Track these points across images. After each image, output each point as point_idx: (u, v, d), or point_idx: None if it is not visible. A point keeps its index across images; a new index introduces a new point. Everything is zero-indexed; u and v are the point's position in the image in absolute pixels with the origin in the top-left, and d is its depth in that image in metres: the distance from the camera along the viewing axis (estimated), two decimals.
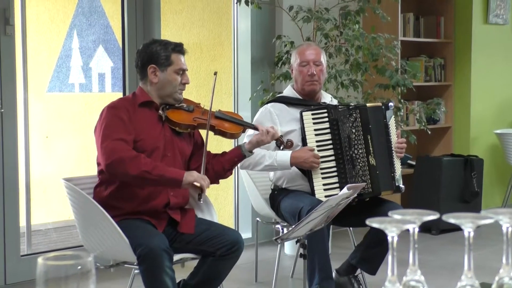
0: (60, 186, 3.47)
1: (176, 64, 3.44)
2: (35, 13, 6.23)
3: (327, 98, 4.34)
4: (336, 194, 3.33)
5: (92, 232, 3.35)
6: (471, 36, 6.98)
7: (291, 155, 3.99)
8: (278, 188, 4.25)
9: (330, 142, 4.03)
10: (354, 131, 4.04)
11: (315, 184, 4.01)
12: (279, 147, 3.72)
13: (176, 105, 3.48)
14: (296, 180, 4.15)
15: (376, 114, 4.11)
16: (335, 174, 4.02)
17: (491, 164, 7.18)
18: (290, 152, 4.00)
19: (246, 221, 5.88)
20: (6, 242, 4.64)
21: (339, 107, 4.12)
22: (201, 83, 6.20)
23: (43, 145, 6.37)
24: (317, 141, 4.03)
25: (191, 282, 3.44)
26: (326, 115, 4.05)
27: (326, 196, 3.83)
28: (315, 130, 4.05)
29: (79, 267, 1.01)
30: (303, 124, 4.04)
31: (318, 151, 4.02)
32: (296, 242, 3.58)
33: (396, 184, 4.09)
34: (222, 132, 3.50)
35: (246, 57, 5.86)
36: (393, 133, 4.13)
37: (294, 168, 4.09)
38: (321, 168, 4.01)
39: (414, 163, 6.55)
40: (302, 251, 3.57)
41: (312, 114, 4.05)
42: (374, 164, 4.03)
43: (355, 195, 3.87)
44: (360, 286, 4.26)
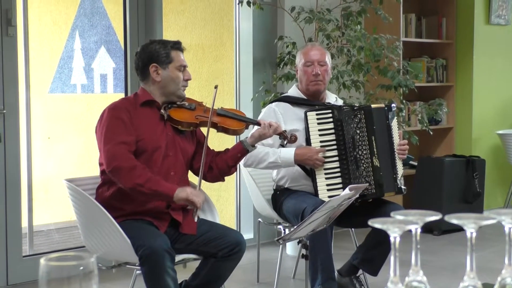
0: (62, 187, 3.47)
1: (176, 61, 3.45)
2: (37, 14, 6.24)
3: (332, 98, 4.35)
4: (339, 195, 3.33)
5: (94, 233, 3.35)
6: (473, 36, 6.98)
7: (295, 152, 3.99)
8: (280, 189, 4.24)
9: (334, 143, 4.03)
10: (358, 131, 4.04)
11: (318, 184, 4.01)
12: (283, 142, 3.71)
13: (178, 103, 3.49)
14: (299, 180, 4.14)
15: (379, 116, 4.11)
16: (338, 174, 4.02)
17: (493, 164, 7.17)
18: (294, 149, 4.00)
19: (248, 221, 5.88)
20: (8, 243, 4.65)
21: (344, 108, 4.12)
22: (203, 84, 6.20)
23: (45, 146, 6.38)
24: (321, 141, 4.03)
25: (192, 283, 3.44)
26: (330, 115, 4.05)
27: (329, 196, 3.83)
28: (319, 130, 4.05)
29: (81, 268, 1.01)
30: (308, 124, 4.04)
31: None
32: (298, 242, 3.58)
33: (398, 186, 4.10)
34: (225, 129, 3.51)
35: (248, 57, 5.86)
36: (395, 134, 4.13)
37: (298, 168, 4.09)
38: (324, 169, 4.00)
39: (416, 163, 6.55)
40: (304, 251, 3.58)
41: (317, 114, 4.05)
42: (378, 165, 4.03)
43: (358, 196, 3.88)
44: (362, 287, 4.26)
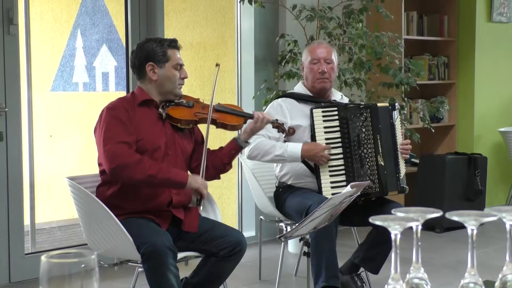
0: (64, 185, 3.47)
1: (173, 59, 3.44)
2: (39, 12, 6.24)
3: (337, 96, 4.35)
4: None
5: (96, 230, 3.35)
6: (474, 34, 6.97)
7: (302, 147, 3.99)
8: (283, 186, 4.24)
9: (339, 140, 4.03)
10: (364, 130, 4.04)
11: (322, 181, 4.01)
12: (283, 135, 3.70)
13: (176, 101, 3.49)
14: (302, 177, 4.14)
15: (384, 114, 4.11)
16: (343, 172, 4.02)
17: (495, 162, 7.17)
18: (301, 144, 4.00)
19: (249, 219, 5.88)
20: (10, 241, 4.65)
21: (350, 106, 4.13)
22: (204, 82, 6.20)
23: (47, 144, 6.38)
24: (326, 138, 4.03)
25: (192, 280, 3.45)
26: (336, 113, 4.05)
27: (333, 193, 3.83)
28: (325, 127, 4.05)
29: (82, 265, 1.01)
30: (313, 121, 4.04)
31: None
32: (300, 240, 3.58)
33: (401, 185, 4.10)
34: (224, 124, 3.51)
35: (249, 56, 5.86)
36: (398, 133, 4.13)
37: (301, 164, 4.09)
38: (329, 166, 4.00)
39: (418, 161, 6.55)
40: (305, 249, 3.58)
41: (323, 112, 4.05)
42: (383, 164, 4.03)
43: (361, 194, 3.88)
44: (364, 284, 4.26)
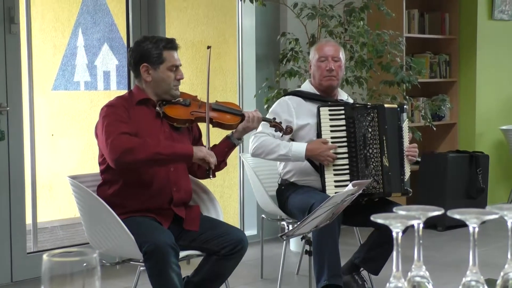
0: (66, 184, 3.48)
1: (168, 61, 3.43)
2: (40, 11, 6.24)
3: (344, 96, 4.36)
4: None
5: (98, 229, 3.35)
6: (476, 32, 6.97)
7: (307, 147, 3.99)
8: (285, 183, 4.24)
9: (345, 140, 4.03)
10: (370, 130, 4.03)
11: (326, 179, 4.01)
12: (278, 134, 3.70)
13: (173, 100, 3.48)
14: (306, 174, 4.14)
15: (391, 116, 4.11)
16: (347, 171, 4.01)
17: (497, 160, 7.16)
18: (306, 144, 4.00)
19: (251, 218, 5.88)
20: (12, 240, 4.66)
21: (357, 106, 4.13)
22: (205, 80, 6.19)
23: (49, 143, 6.38)
24: (332, 137, 4.03)
25: (194, 279, 3.44)
26: (343, 112, 4.05)
27: (336, 193, 3.83)
28: (331, 126, 4.04)
29: (84, 264, 1.01)
30: (320, 119, 4.04)
31: None
32: (302, 238, 3.58)
33: (405, 187, 4.10)
34: (220, 124, 3.50)
35: (250, 54, 5.86)
36: (405, 136, 4.13)
37: (306, 162, 4.09)
38: (334, 165, 4.00)
39: (419, 159, 6.54)
40: (307, 247, 3.58)
41: (330, 110, 4.05)
42: (387, 165, 4.02)
43: (364, 194, 3.88)
44: (365, 283, 4.27)
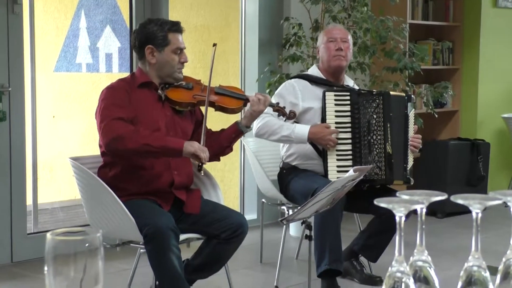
0: (67, 166, 3.48)
1: (173, 43, 3.42)
2: None
3: (350, 82, 4.36)
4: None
5: (99, 211, 3.36)
6: (480, 19, 6.94)
7: (309, 130, 3.99)
8: (287, 167, 4.23)
9: (349, 125, 4.03)
10: (375, 116, 4.03)
11: (329, 164, 4.01)
12: (281, 119, 3.69)
13: (176, 83, 3.47)
14: (309, 158, 4.13)
15: (398, 104, 4.11)
16: (350, 157, 4.02)
17: (498, 148, 7.16)
18: (309, 127, 3.99)
19: (251, 202, 5.89)
20: (13, 221, 4.67)
21: (363, 92, 4.13)
22: (208, 64, 6.18)
23: (50, 124, 6.38)
24: (336, 122, 4.03)
25: (194, 262, 3.46)
26: (348, 97, 4.05)
27: (338, 178, 3.83)
28: (336, 111, 4.04)
29: (87, 244, 1.01)
30: (325, 103, 4.04)
31: None
32: (302, 223, 3.59)
33: (407, 176, 4.10)
34: (222, 107, 3.49)
35: (253, 38, 5.84)
36: (411, 126, 4.13)
37: (309, 146, 4.09)
38: (337, 150, 4.00)
39: (421, 146, 6.53)
40: (307, 232, 3.58)
41: (335, 95, 4.05)
42: (391, 152, 4.02)
43: (366, 180, 3.89)
44: (364, 268, 4.28)
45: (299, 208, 3.29)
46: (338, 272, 3.93)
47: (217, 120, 3.95)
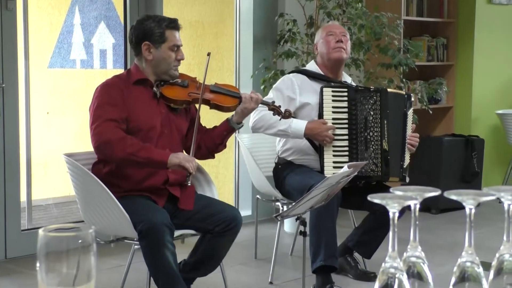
0: (61, 162, 3.47)
1: (170, 40, 3.41)
2: None
3: (348, 79, 4.36)
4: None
5: (93, 207, 3.35)
6: (474, 16, 6.95)
7: (306, 125, 3.99)
8: (282, 162, 4.23)
9: (346, 122, 4.03)
10: (372, 113, 4.03)
11: (325, 160, 4.01)
12: (277, 118, 3.68)
13: (171, 81, 3.47)
14: (305, 153, 4.13)
15: (396, 101, 4.11)
16: (346, 153, 4.02)
17: (492, 144, 7.17)
18: (306, 122, 3.99)
19: (246, 198, 5.89)
20: (6, 217, 4.66)
21: (360, 88, 4.13)
22: (203, 60, 6.18)
23: (44, 120, 6.37)
24: (333, 118, 4.03)
25: (190, 260, 3.45)
26: (346, 94, 4.05)
27: (334, 173, 3.83)
28: (333, 107, 4.04)
29: (80, 241, 1.01)
30: (322, 99, 4.03)
31: None
32: (296, 219, 3.59)
33: (403, 174, 4.10)
34: (217, 106, 3.48)
35: (248, 34, 5.83)
36: (409, 124, 4.14)
37: (306, 141, 4.09)
38: (333, 146, 4.00)
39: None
40: (301, 228, 3.58)
41: (333, 91, 4.05)
42: (387, 149, 4.03)
43: (362, 176, 3.89)
44: (358, 264, 4.28)
45: (293, 204, 3.29)
46: (333, 268, 3.94)
47: (211, 116, 3.95)
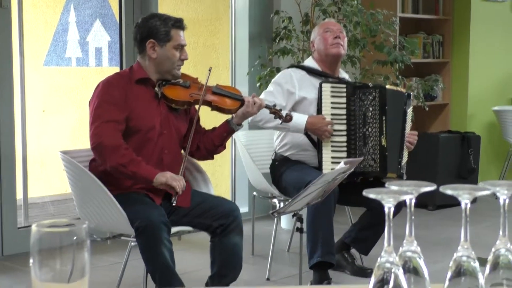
0: (57, 160, 3.46)
1: (175, 39, 3.40)
2: None
3: (345, 75, 4.37)
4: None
5: (89, 205, 3.35)
6: (470, 12, 6.95)
7: (308, 119, 3.98)
8: (279, 158, 4.23)
9: (344, 117, 4.03)
10: (371, 109, 4.04)
11: (324, 155, 4.01)
12: (280, 120, 3.65)
13: (173, 81, 3.45)
14: (302, 149, 4.13)
15: (396, 99, 4.11)
16: (345, 149, 4.02)
17: (488, 141, 7.18)
18: (307, 116, 3.99)
19: (242, 195, 5.89)
20: (3, 214, 4.65)
21: (359, 84, 4.14)
22: (198, 58, 6.18)
23: (40, 118, 6.36)
24: (332, 114, 4.03)
25: (214, 272, 3.38)
26: (345, 89, 4.05)
27: (332, 169, 3.82)
28: (332, 103, 4.05)
29: (74, 238, 1.00)
30: (321, 95, 4.04)
31: None
32: (293, 216, 3.59)
33: (401, 171, 4.11)
34: (219, 108, 3.47)
35: (243, 32, 5.83)
36: (408, 122, 4.15)
37: (304, 137, 4.08)
38: (332, 141, 4.01)
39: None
40: (298, 225, 3.58)
41: (332, 87, 4.06)
42: (385, 145, 4.03)
43: (359, 172, 3.89)
44: (355, 261, 4.29)
45: (290, 200, 3.29)
46: (330, 265, 3.94)
47: (211, 117, 3.93)
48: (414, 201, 1.22)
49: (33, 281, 1.00)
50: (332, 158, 4.00)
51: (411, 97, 4.22)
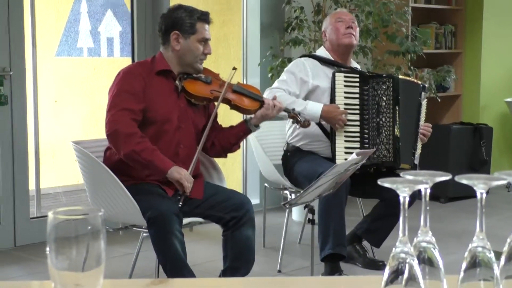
0: (69, 151, 3.47)
1: (200, 33, 3.38)
2: None
3: (356, 66, 4.38)
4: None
5: (102, 195, 3.35)
6: (482, 3, 6.91)
7: (323, 108, 3.97)
8: (292, 150, 4.22)
9: (357, 107, 4.02)
10: (384, 99, 4.03)
11: (337, 145, 4.00)
12: (298, 125, 3.62)
13: (194, 75, 3.44)
14: (314, 139, 4.11)
15: (410, 89, 4.11)
16: (358, 139, 4.01)
17: (501, 132, 7.14)
18: (322, 105, 3.97)
19: (254, 187, 5.89)
20: (15, 205, 4.67)
21: (372, 74, 4.14)
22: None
23: (52, 109, 6.37)
24: (345, 103, 4.02)
25: (226, 266, 3.37)
26: (358, 79, 4.04)
27: (346, 159, 3.81)
28: (345, 92, 4.04)
29: (89, 227, 1.00)
30: (335, 84, 4.02)
31: None
32: (305, 207, 3.59)
33: (414, 162, 4.10)
34: (238, 107, 3.46)
35: (255, 22, 5.81)
36: (423, 114, 4.13)
37: (316, 127, 4.07)
38: (345, 131, 4.00)
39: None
40: (310, 216, 3.58)
41: (345, 77, 4.05)
42: (398, 135, 4.02)
43: (373, 162, 3.88)
44: (366, 253, 4.28)
45: (301, 192, 3.28)
46: (341, 257, 3.93)
47: (230, 114, 3.91)
48: (429, 191, 1.22)
49: (49, 268, 1.00)
50: (346, 148, 3.99)
51: (426, 89, 4.21)
